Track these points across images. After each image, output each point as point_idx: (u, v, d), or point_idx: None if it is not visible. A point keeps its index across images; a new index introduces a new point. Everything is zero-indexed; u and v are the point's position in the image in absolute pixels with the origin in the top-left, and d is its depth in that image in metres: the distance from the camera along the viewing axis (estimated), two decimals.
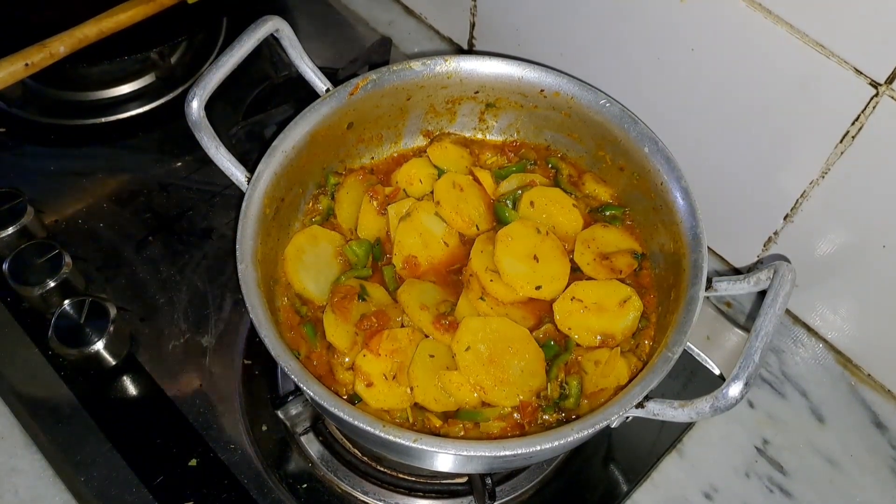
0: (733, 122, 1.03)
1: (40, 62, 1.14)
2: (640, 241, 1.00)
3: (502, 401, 0.86)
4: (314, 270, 0.96)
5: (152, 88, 1.33)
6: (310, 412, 0.98)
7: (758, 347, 0.74)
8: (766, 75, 0.95)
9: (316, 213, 1.02)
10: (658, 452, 1.05)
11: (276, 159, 0.93)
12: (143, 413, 1.04)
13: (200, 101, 0.89)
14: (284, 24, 0.95)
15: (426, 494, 1.00)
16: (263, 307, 0.83)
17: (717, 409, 0.74)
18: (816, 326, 1.14)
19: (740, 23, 0.93)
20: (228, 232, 1.19)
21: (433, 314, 0.91)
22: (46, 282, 1.05)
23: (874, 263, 1.00)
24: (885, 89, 0.86)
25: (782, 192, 1.04)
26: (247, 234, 0.88)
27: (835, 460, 1.06)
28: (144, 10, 1.21)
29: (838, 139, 0.93)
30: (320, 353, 0.91)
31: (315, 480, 1.00)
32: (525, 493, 1.01)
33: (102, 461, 0.99)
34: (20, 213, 1.11)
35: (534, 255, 0.94)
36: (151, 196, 1.23)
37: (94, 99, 1.32)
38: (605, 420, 0.78)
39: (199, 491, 0.98)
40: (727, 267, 1.20)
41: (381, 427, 0.76)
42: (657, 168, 0.94)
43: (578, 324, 0.91)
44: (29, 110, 1.31)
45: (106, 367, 1.05)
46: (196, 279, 1.15)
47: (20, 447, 1.02)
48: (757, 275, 0.83)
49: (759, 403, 1.10)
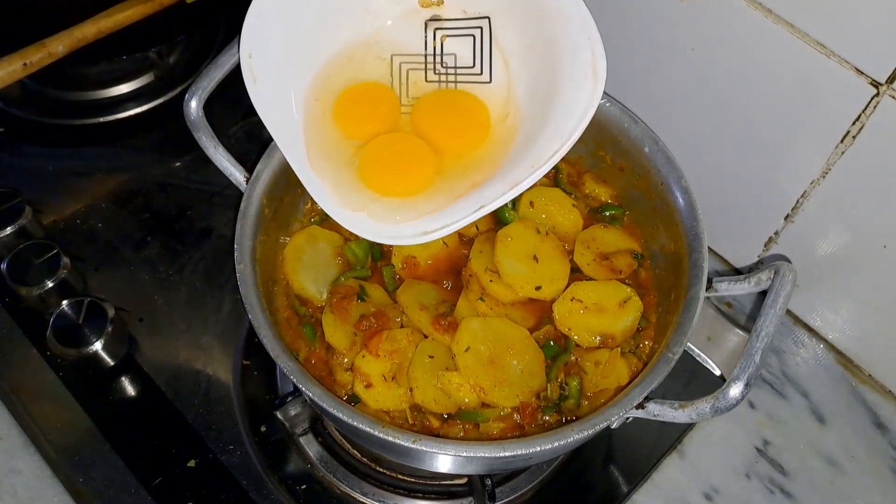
0: (734, 121, 1.02)
1: (39, 62, 1.14)
2: (640, 242, 1.00)
3: (502, 401, 0.86)
4: (313, 271, 0.95)
5: (151, 88, 1.33)
6: (309, 413, 0.98)
7: (758, 348, 0.74)
8: (766, 75, 0.95)
9: (315, 213, 1.02)
10: (658, 453, 1.05)
11: (275, 159, 0.92)
12: (141, 414, 1.04)
13: (199, 100, 0.89)
14: None
15: (426, 495, 0.99)
16: (262, 307, 0.83)
17: (717, 409, 0.73)
18: (817, 327, 1.14)
19: (740, 23, 0.92)
20: (227, 232, 1.19)
21: (432, 315, 0.91)
22: (45, 282, 1.05)
23: (875, 264, 1.00)
24: (885, 89, 0.85)
25: (783, 192, 1.03)
26: (246, 234, 0.87)
27: (835, 461, 1.06)
28: (143, 10, 1.21)
29: (839, 139, 0.93)
30: (319, 353, 0.90)
31: (314, 481, 1.00)
32: (525, 494, 1.01)
33: (101, 462, 0.99)
34: (18, 212, 1.11)
35: (534, 256, 0.93)
36: (150, 196, 1.23)
37: (92, 98, 1.32)
38: (606, 421, 0.77)
39: (198, 492, 0.98)
40: (728, 267, 1.20)
41: (380, 428, 0.76)
42: (657, 168, 0.94)
43: (578, 324, 0.91)
44: (27, 110, 1.31)
45: (104, 367, 1.05)
46: (195, 279, 1.15)
47: (19, 448, 1.01)
48: (757, 275, 0.83)
49: (760, 404, 1.10)
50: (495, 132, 0.81)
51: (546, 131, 0.74)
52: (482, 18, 0.81)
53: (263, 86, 0.74)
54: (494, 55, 0.82)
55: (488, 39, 0.81)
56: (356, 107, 0.82)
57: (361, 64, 0.81)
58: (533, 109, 0.78)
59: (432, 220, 0.72)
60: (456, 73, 0.81)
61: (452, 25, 0.82)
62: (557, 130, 0.73)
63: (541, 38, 0.78)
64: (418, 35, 0.82)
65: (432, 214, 0.73)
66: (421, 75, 0.82)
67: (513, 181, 0.71)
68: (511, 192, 0.69)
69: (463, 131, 0.82)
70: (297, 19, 0.79)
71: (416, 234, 0.71)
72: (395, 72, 0.82)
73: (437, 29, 0.82)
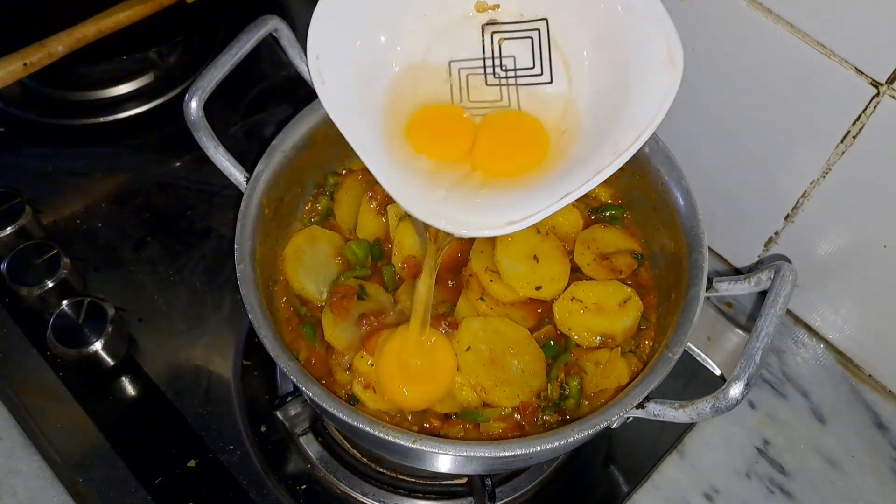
0: (734, 121, 1.02)
1: (39, 62, 1.14)
2: (640, 242, 1.00)
3: (503, 401, 0.86)
4: (313, 271, 0.95)
5: (151, 88, 1.33)
6: (309, 413, 0.98)
7: (758, 348, 0.74)
8: (766, 75, 0.95)
9: (315, 213, 1.02)
10: (658, 453, 1.05)
11: (275, 159, 0.92)
12: (141, 414, 1.04)
13: (199, 100, 0.89)
14: (283, 24, 0.95)
15: (426, 495, 0.99)
16: (262, 307, 0.83)
17: (717, 409, 0.73)
18: (817, 327, 1.14)
19: (740, 22, 0.92)
20: (227, 232, 1.19)
21: (433, 314, 0.90)
22: (45, 282, 1.05)
23: (875, 264, 1.00)
24: (885, 89, 0.85)
25: (783, 192, 1.03)
26: (246, 234, 0.87)
27: (836, 461, 1.06)
28: (143, 10, 1.21)
29: (839, 139, 0.93)
30: (319, 353, 0.90)
31: (314, 481, 1.00)
32: (525, 494, 1.01)
33: (101, 462, 0.99)
34: (18, 212, 1.11)
35: (534, 256, 0.93)
36: (150, 196, 1.23)
37: (92, 99, 1.32)
38: (606, 421, 0.77)
39: (198, 492, 0.98)
40: (728, 267, 1.20)
41: (380, 428, 0.76)
42: (657, 168, 0.94)
43: (578, 324, 0.91)
44: (27, 110, 1.31)
45: (104, 367, 1.05)
46: (195, 279, 1.15)
47: (19, 448, 1.01)
48: (758, 275, 0.83)
49: (760, 404, 1.10)
50: (559, 131, 0.81)
51: (622, 121, 0.74)
52: (540, 20, 0.81)
53: (332, 88, 0.75)
54: (554, 55, 0.82)
55: (546, 40, 0.81)
56: (430, 127, 0.82)
57: (419, 72, 0.82)
58: (602, 104, 0.78)
59: (515, 210, 0.71)
60: (516, 74, 0.82)
61: (510, 28, 0.82)
62: (635, 118, 0.73)
63: (606, 33, 0.79)
64: (476, 39, 0.82)
65: (514, 206, 0.72)
66: (481, 79, 0.82)
67: (596, 168, 0.72)
68: (596, 179, 0.70)
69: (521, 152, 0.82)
70: (359, 25, 0.80)
71: (501, 225, 0.71)
72: (455, 77, 0.82)
73: (495, 33, 0.82)
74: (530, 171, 0.78)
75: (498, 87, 0.82)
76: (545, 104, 0.81)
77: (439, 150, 0.79)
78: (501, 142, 0.80)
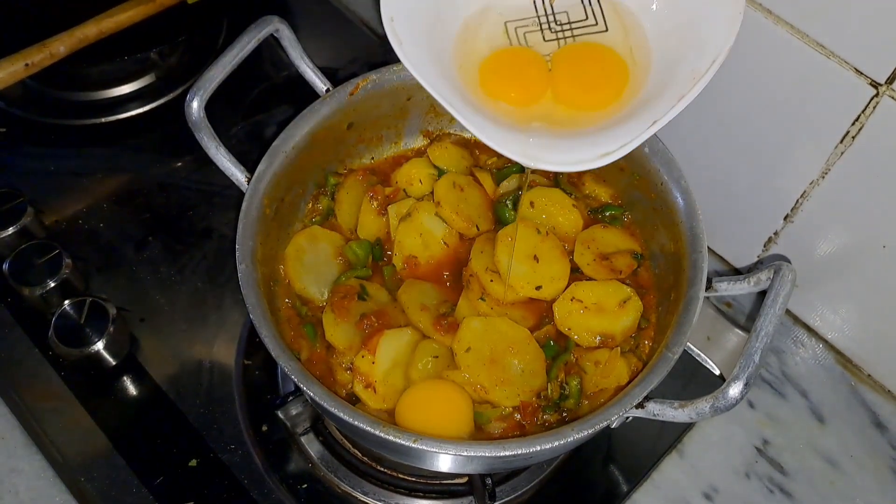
0: (733, 122, 1.03)
1: (40, 62, 1.14)
2: (640, 242, 1.00)
3: (503, 401, 0.86)
4: (314, 271, 0.96)
5: (152, 88, 1.33)
6: (310, 412, 0.98)
7: (758, 348, 0.74)
8: (766, 75, 0.95)
9: (316, 213, 1.02)
10: (658, 453, 1.05)
11: (276, 159, 0.93)
12: (143, 413, 1.04)
13: (200, 101, 0.89)
14: (284, 25, 0.95)
15: (426, 495, 1.00)
16: (263, 307, 0.83)
17: (717, 409, 0.73)
18: (816, 327, 1.14)
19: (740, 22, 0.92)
20: (228, 232, 1.19)
21: (433, 315, 0.91)
22: (46, 282, 1.06)
23: (875, 264, 1.00)
24: (885, 89, 0.85)
25: (782, 193, 1.04)
26: (247, 234, 0.88)
27: (835, 461, 1.06)
28: (144, 10, 1.21)
29: (838, 139, 0.93)
30: (320, 353, 0.91)
31: (315, 481, 1.00)
32: (525, 494, 1.01)
33: (102, 461, 0.99)
34: (20, 213, 1.11)
35: (534, 256, 0.94)
36: (151, 196, 1.23)
37: (93, 99, 1.32)
38: (605, 420, 0.78)
39: (200, 491, 0.98)
40: (727, 267, 1.20)
41: (380, 427, 0.76)
42: (657, 168, 0.94)
43: (578, 324, 0.91)
44: (29, 110, 1.31)
45: (106, 367, 1.05)
46: (196, 279, 1.15)
47: (20, 447, 1.02)
48: (757, 275, 0.83)
49: (760, 404, 1.10)
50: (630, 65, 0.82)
51: (694, 49, 0.75)
52: None
53: (409, 47, 0.75)
54: (605, 5, 0.83)
55: None
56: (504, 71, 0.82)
57: (479, 31, 0.82)
58: (670, 37, 0.79)
59: (607, 142, 0.71)
60: (571, 27, 0.83)
61: None
62: (706, 45, 0.74)
63: None
64: (528, 1, 0.84)
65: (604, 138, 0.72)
66: (538, 36, 0.83)
67: (678, 95, 0.72)
68: (680, 104, 0.71)
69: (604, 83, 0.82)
70: None
71: (596, 157, 0.70)
72: (513, 36, 0.83)
73: None
74: (613, 103, 0.78)
75: (556, 42, 0.83)
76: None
77: (516, 92, 0.79)
78: (582, 74, 0.80)
